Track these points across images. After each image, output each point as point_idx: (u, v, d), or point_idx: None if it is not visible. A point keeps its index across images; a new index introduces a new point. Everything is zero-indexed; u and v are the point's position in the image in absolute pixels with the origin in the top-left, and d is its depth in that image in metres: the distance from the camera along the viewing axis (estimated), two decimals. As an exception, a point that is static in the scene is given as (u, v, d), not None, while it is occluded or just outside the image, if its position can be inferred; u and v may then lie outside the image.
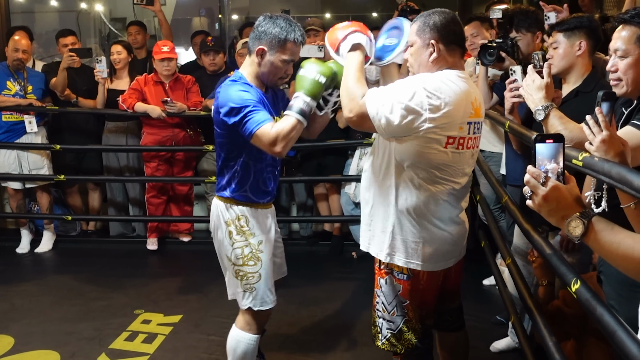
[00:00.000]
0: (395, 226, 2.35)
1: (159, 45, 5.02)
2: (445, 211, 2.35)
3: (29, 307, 4.15)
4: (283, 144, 2.40)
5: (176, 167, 5.31)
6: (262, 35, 2.54)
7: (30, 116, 5.07)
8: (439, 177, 2.28)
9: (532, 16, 3.50)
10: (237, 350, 2.73)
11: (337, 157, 5.13)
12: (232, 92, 2.50)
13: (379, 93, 2.20)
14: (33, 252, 5.32)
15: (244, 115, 2.43)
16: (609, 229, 1.37)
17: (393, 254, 2.37)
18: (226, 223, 2.69)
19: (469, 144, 2.28)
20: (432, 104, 2.13)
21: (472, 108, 2.25)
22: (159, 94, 4.99)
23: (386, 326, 2.45)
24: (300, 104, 2.42)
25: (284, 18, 2.55)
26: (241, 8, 9.28)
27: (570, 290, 1.93)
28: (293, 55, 2.57)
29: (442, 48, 2.25)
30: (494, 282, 4.15)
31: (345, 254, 5.14)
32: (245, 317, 2.74)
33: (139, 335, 3.70)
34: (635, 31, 1.91)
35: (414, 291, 2.40)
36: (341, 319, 3.92)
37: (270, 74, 2.58)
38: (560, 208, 1.43)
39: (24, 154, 5.18)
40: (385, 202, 2.37)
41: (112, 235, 5.68)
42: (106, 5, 8.81)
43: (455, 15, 2.32)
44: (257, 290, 2.67)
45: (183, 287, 4.52)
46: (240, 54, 4.91)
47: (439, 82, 2.18)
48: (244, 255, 2.66)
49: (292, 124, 2.40)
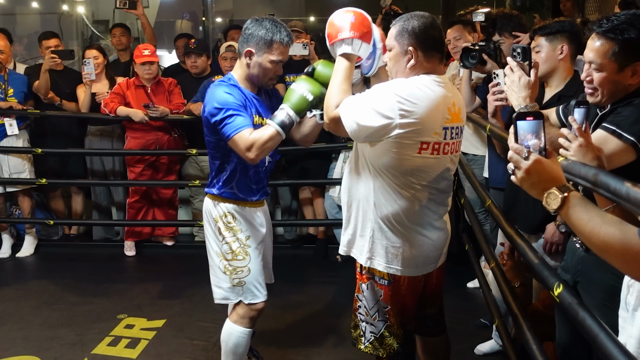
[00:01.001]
0: (374, 231, 2.36)
1: (140, 49, 4.98)
2: (425, 216, 2.35)
3: (9, 312, 4.10)
4: (257, 152, 2.51)
5: (160, 171, 5.28)
6: (249, 38, 2.62)
7: (11, 119, 5.01)
8: (414, 183, 2.28)
9: (515, 20, 3.53)
10: (229, 343, 2.82)
11: (321, 161, 5.13)
12: (217, 92, 2.60)
13: (353, 99, 2.24)
14: (14, 257, 5.26)
15: (224, 117, 2.53)
16: (583, 205, 1.41)
17: (373, 258, 2.38)
18: (214, 220, 2.77)
19: (446, 149, 2.27)
20: (403, 109, 2.14)
21: (449, 113, 2.24)
22: (140, 97, 4.96)
23: (369, 329, 2.47)
24: (283, 116, 2.51)
25: (270, 20, 2.62)
26: (225, 11, 9.26)
27: (552, 294, 1.94)
28: (281, 56, 2.63)
29: (420, 55, 2.24)
30: (478, 285, 4.17)
31: (330, 258, 5.14)
32: (237, 311, 2.81)
33: (122, 340, 3.67)
34: (610, 46, 1.91)
35: (395, 296, 2.40)
36: (325, 322, 3.91)
37: (260, 75, 2.65)
38: (541, 181, 1.48)
39: (4, 158, 5.12)
40: (364, 207, 2.37)
41: (95, 240, 5.63)
42: (88, 8, 8.75)
43: (434, 19, 2.30)
44: (246, 284, 2.75)
45: (166, 291, 4.49)
46: (224, 57, 4.90)
47: (412, 87, 2.19)
48: (232, 250, 2.74)
49: (269, 134, 2.50)
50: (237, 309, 2.81)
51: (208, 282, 4.23)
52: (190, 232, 5.68)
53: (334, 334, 3.74)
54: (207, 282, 4.39)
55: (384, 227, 2.33)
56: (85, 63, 4.92)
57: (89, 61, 4.92)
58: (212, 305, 4.09)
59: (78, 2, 8.67)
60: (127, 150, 5.18)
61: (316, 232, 5.37)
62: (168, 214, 5.45)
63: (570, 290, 1.88)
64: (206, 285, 4.43)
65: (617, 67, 1.93)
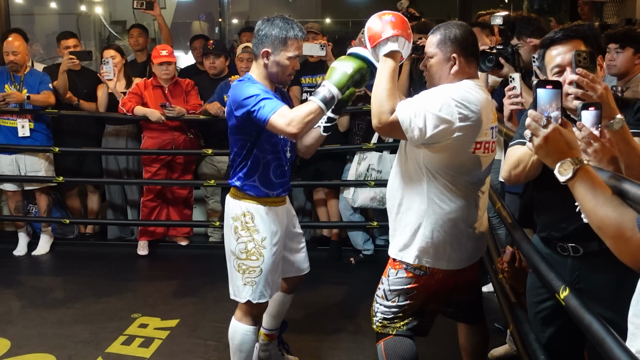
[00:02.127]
0: (427, 230, 2.45)
1: (157, 50, 5.02)
2: (472, 214, 2.48)
3: (25, 310, 4.14)
4: (300, 126, 2.48)
5: (176, 171, 5.30)
6: (264, 39, 2.66)
7: (23, 120, 5.05)
8: (468, 181, 2.42)
9: (534, 24, 3.49)
10: (235, 341, 2.88)
11: (336, 162, 5.12)
12: (242, 87, 2.66)
13: (410, 104, 2.30)
14: (30, 255, 5.30)
15: (256, 103, 2.55)
16: (591, 181, 1.43)
17: (421, 256, 2.47)
18: (232, 218, 2.81)
19: (492, 147, 2.45)
20: (461, 113, 2.27)
21: (492, 114, 2.42)
22: (158, 97, 4.99)
23: (381, 310, 2.58)
24: (325, 92, 2.50)
25: (281, 18, 2.67)
26: (241, 12, 9.30)
27: (558, 298, 1.93)
28: (297, 51, 2.69)
29: (462, 61, 2.38)
30: (492, 289, 4.14)
31: (344, 260, 5.13)
32: (242, 309, 2.87)
33: (135, 339, 3.69)
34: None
35: (425, 286, 2.51)
36: (338, 323, 3.91)
37: (279, 72, 2.70)
38: (557, 150, 1.50)
39: (21, 157, 5.17)
40: (415, 207, 2.46)
41: (109, 239, 5.67)
42: (106, 8, 8.82)
43: (470, 27, 2.47)
44: (257, 284, 2.79)
45: (180, 291, 4.51)
46: (240, 59, 4.91)
47: (464, 92, 2.32)
48: (247, 250, 2.78)
49: (310, 109, 2.49)
50: (242, 306, 2.87)
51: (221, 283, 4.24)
52: (205, 232, 5.69)
53: (347, 336, 3.73)
54: (220, 283, 4.40)
55: (437, 226, 2.43)
56: (104, 62, 4.95)
57: (108, 60, 4.95)
58: (226, 305, 4.12)
59: (96, 2, 8.75)
60: (143, 150, 5.21)
61: (330, 234, 5.37)
62: (183, 213, 5.47)
63: (576, 294, 1.87)
64: (220, 286, 4.46)
65: None
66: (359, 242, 5.06)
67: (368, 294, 4.08)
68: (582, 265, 2.15)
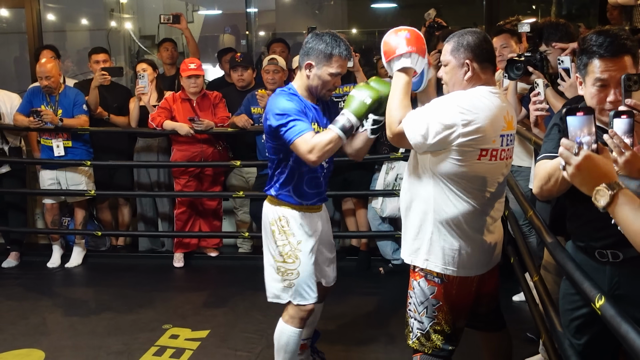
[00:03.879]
0: (433, 234, 2.46)
1: (186, 63, 5.08)
2: (481, 220, 2.47)
3: (59, 321, 4.21)
4: (319, 154, 2.61)
5: (205, 183, 5.35)
6: (310, 51, 2.76)
7: (57, 140, 5.14)
8: (473, 188, 2.40)
9: (562, 29, 3.44)
10: (281, 341, 2.96)
11: (364, 172, 5.12)
12: (278, 100, 2.76)
13: (416, 114, 2.37)
14: (63, 267, 5.38)
15: (285, 122, 2.67)
16: (631, 203, 1.42)
17: (429, 260, 2.48)
18: (270, 223, 2.93)
19: (502, 155, 2.41)
20: (465, 119, 2.27)
21: (505, 121, 2.39)
22: (186, 111, 5.05)
23: (417, 326, 2.56)
24: (344, 121, 2.61)
25: (330, 35, 2.76)
26: (268, 25, 9.36)
27: (594, 307, 1.90)
28: (340, 69, 2.76)
29: (475, 67, 2.39)
30: (523, 299, 4.09)
31: (372, 270, 5.11)
32: (288, 311, 2.95)
33: (167, 350, 3.72)
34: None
35: (446, 294, 2.50)
36: (368, 334, 3.89)
37: (319, 86, 2.79)
38: (591, 177, 1.49)
39: (62, 172, 5.27)
40: (422, 211, 2.49)
41: (141, 251, 5.73)
42: (135, 24, 8.96)
43: (486, 34, 2.48)
44: (295, 286, 2.88)
45: (210, 302, 4.54)
46: (266, 70, 4.94)
47: (472, 98, 2.34)
48: (284, 253, 2.88)
49: (330, 137, 2.60)
50: (288, 309, 2.95)
51: (251, 293, 4.28)
52: (234, 244, 5.72)
53: (377, 346, 3.72)
54: (250, 293, 4.43)
55: (443, 230, 2.45)
56: (140, 77, 5.04)
57: (144, 75, 5.04)
58: (255, 316, 4.15)
59: (126, 18, 8.89)
60: (173, 163, 5.26)
61: (359, 243, 5.36)
62: (213, 225, 5.51)
63: (612, 303, 1.83)
64: (249, 296, 4.49)
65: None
66: (388, 251, 5.04)
67: (397, 304, 4.06)
68: (621, 271, 2.11)
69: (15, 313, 4.34)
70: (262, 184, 5.00)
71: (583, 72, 2.12)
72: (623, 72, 2.01)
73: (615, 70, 2.02)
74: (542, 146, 2.27)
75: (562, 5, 8.16)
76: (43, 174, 5.34)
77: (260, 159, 5.00)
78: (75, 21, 9.30)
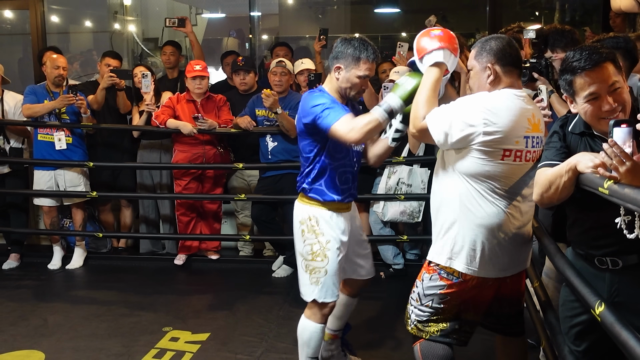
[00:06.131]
0: (458, 234, 2.49)
1: (191, 64, 5.09)
2: (507, 222, 2.47)
3: (59, 322, 4.20)
4: (359, 134, 2.65)
5: (206, 184, 5.34)
6: (339, 55, 2.86)
7: (60, 133, 5.16)
8: (498, 188, 2.43)
9: (568, 35, 3.44)
10: (304, 337, 3.04)
11: (366, 176, 5.09)
12: (310, 97, 2.87)
13: (440, 110, 2.43)
14: (64, 269, 5.39)
15: (322, 111, 2.76)
16: None
17: (453, 258, 2.51)
18: (300, 222, 3.01)
19: (528, 156, 2.43)
20: (486, 119, 2.32)
21: (530, 123, 2.41)
22: (190, 112, 5.05)
23: (415, 313, 2.63)
24: (390, 102, 2.66)
25: (359, 39, 2.85)
26: (271, 28, 9.38)
27: (594, 313, 1.90)
28: (367, 71, 2.85)
29: (498, 70, 2.45)
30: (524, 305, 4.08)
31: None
32: (310, 308, 3.02)
33: (167, 353, 3.71)
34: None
35: (458, 292, 2.53)
36: (369, 337, 3.88)
37: (347, 88, 2.88)
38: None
39: (60, 172, 5.28)
40: (450, 211, 2.52)
41: (142, 253, 5.73)
42: (139, 26, 8.98)
43: (510, 39, 2.52)
44: (322, 284, 2.95)
45: (211, 305, 4.54)
46: (274, 72, 4.95)
47: (495, 99, 2.39)
48: (313, 251, 2.95)
49: (370, 119, 2.66)
50: (310, 305, 3.01)
51: (252, 297, 4.28)
52: (235, 247, 5.72)
53: (378, 350, 3.71)
54: (250, 297, 4.44)
55: (468, 231, 2.47)
56: (143, 76, 5.09)
57: (147, 74, 5.11)
58: (256, 319, 4.15)
59: (129, 20, 8.91)
60: (175, 164, 5.26)
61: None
62: (213, 227, 5.50)
63: (612, 309, 1.83)
64: (250, 300, 4.49)
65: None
66: (389, 256, 5.04)
67: (398, 308, 4.06)
68: (621, 278, 2.12)
69: (15, 314, 4.34)
70: (264, 186, 5.05)
71: (570, 91, 2.14)
72: (609, 80, 2.04)
73: (601, 80, 2.05)
74: (543, 154, 2.28)
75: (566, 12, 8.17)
76: (39, 175, 5.31)
77: (263, 161, 5.00)
78: (79, 23, 9.34)
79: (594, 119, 2.10)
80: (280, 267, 5.16)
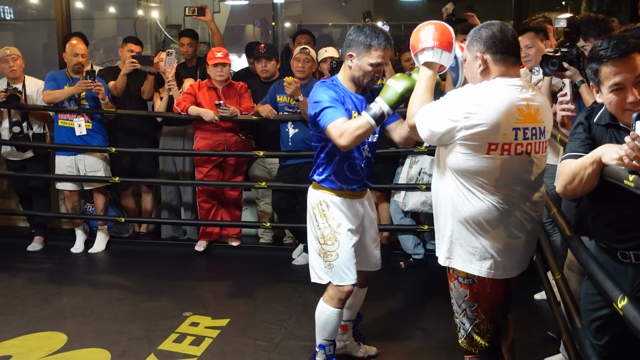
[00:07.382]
0: (453, 231, 2.44)
1: (213, 52, 5.09)
2: (505, 219, 2.36)
3: (81, 305, 4.25)
4: (348, 139, 2.72)
5: (227, 172, 5.36)
6: (351, 43, 2.87)
7: (80, 119, 5.21)
8: (486, 184, 2.32)
9: (601, 24, 3.35)
10: (320, 320, 3.10)
11: (387, 165, 5.09)
12: (317, 91, 2.91)
13: (428, 107, 2.41)
14: (87, 252, 5.45)
15: (320, 110, 2.82)
16: None
17: (451, 258, 2.47)
18: (312, 207, 3.08)
19: (519, 149, 2.30)
20: (468, 112, 2.24)
21: (521, 114, 2.29)
22: (212, 99, 5.05)
23: (461, 326, 2.56)
24: (376, 108, 2.70)
25: (370, 27, 2.87)
26: (294, 16, 9.36)
27: (616, 307, 1.88)
28: (380, 59, 2.85)
29: (488, 59, 2.36)
30: (545, 297, 4.06)
31: (393, 264, 5.08)
32: (328, 291, 3.08)
33: (187, 337, 3.75)
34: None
35: (481, 295, 2.45)
36: (389, 327, 3.89)
37: (360, 76, 2.90)
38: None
39: (80, 157, 5.33)
40: (444, 209, 2.48)
41: (163, 238, 5.77)
42: (162, 12, 9.01)
43: (504, 25, 2.39)
44: (335, 267, 3.00)
45: (231, 291, 4.56)
46: (297, 59, 4.92)
47: (479, 91, 2.30)
48: (324, 235, 3.01)
49: (360, 123, 2.70)
50: (328, 289, 3.07)
51: (272, 284, 4.30)
52: (255, 234, 5.74)
53: (397, 340, 3.71)
54: (270, 284, 4.45)
55: (462, 228, 2.41)
56: (168, 54, 5.09)
57: (172, 52, 5.11)
58: (275, 307, 4.16)
59: (152, 7, 8.95)
60: (196, 151, 5.28)
61: (380, 237, 5.33)
62: (234, 214, 5.53)
63: (634, 304, 1.81)
64: (270, 287, 4.52)
65: None
66: (409, 246, 5.02)
67: (418, 298, 4.05)
68: None
69: (39, 296, 4.40)
70: (285, 175, 5.05)
71: (596, 80, 2.12)
72: (635, 71, 2.01)
73: (628, 70, 2.02)
74: (567, 145, 2.24)
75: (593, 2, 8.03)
76: (59, 160, 5.39)
77: (284, 149, 5.00)
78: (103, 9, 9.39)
79: (619, 110, 2.07)
80: (300, 255, 5.16)
